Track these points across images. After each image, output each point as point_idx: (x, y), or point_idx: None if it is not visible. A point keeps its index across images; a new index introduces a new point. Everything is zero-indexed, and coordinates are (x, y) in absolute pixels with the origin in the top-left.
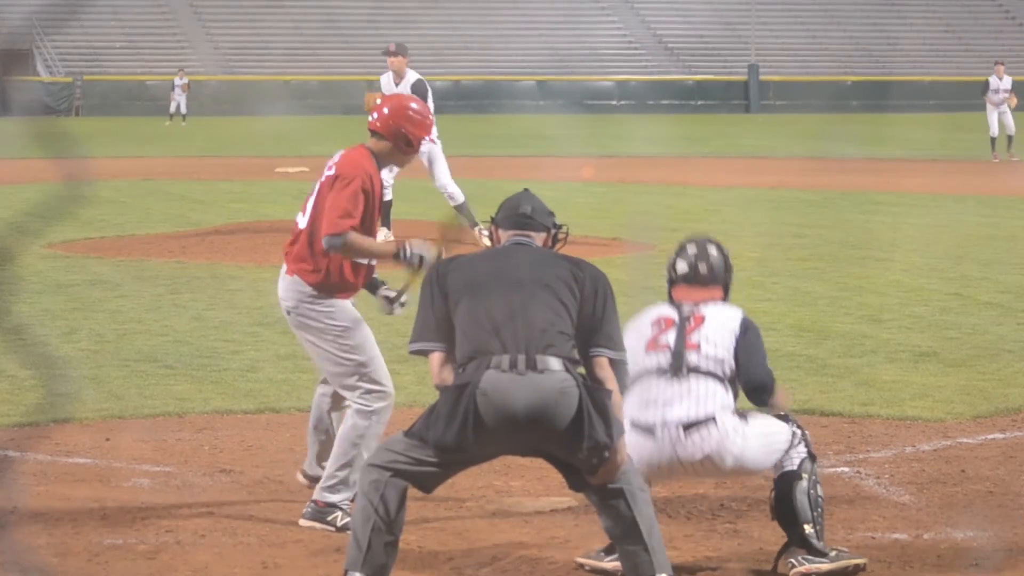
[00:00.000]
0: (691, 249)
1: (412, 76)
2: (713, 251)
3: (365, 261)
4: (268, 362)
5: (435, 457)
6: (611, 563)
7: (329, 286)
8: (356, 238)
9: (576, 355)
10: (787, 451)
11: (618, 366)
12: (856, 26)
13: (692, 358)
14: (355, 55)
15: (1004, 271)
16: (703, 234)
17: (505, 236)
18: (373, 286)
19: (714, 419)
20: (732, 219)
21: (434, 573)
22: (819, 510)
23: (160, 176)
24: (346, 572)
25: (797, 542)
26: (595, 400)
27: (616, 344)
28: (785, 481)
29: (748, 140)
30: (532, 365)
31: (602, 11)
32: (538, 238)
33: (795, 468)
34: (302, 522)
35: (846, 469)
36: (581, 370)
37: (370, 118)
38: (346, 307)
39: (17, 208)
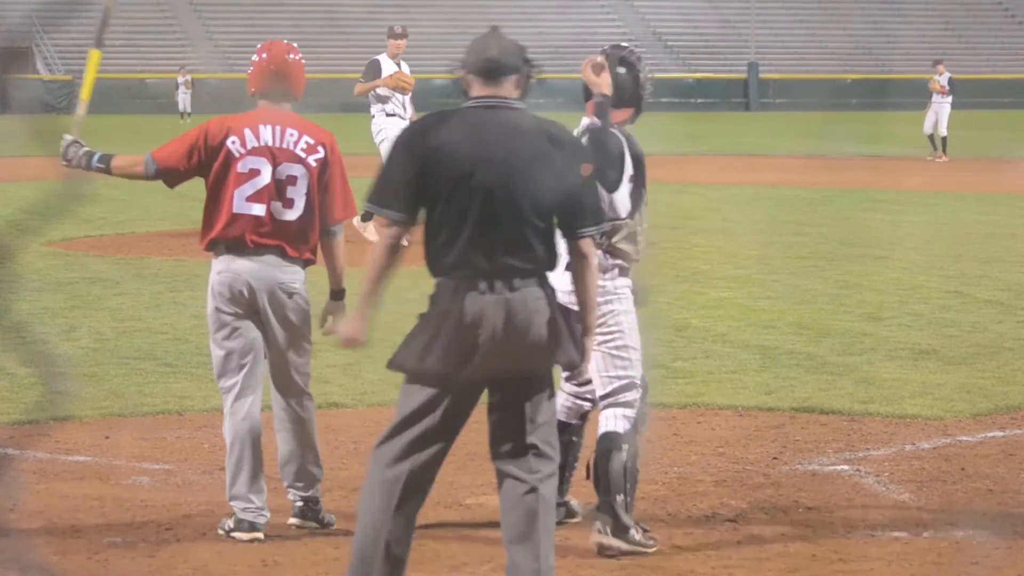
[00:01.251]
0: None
1: (403, 64)
2: (621, 71)
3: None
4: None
5: (426, 400)
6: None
7: (306, 265)
8: None
9: (552, 259)
10: (626, 383)
11: None
12: (855, 24)
13: None
14: (355, 52)
15: (1004, 269)
16: (617, 50)
17: (475, 85)
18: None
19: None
20: (732, 217)
21: (434, 573)
22: (633, 484)
23: None
24: None
25: (607, 510)
26: (567, 321)
27: (599, 217)
28: (608, 442)
29: (748, 138)
30: (510, 286)
31: (602, 8)
32: (509, 83)
33: (621, 432)
34: (292, 520)
35: (846, 467)
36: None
37: (290, 90)
38: None
39: (17, 206)
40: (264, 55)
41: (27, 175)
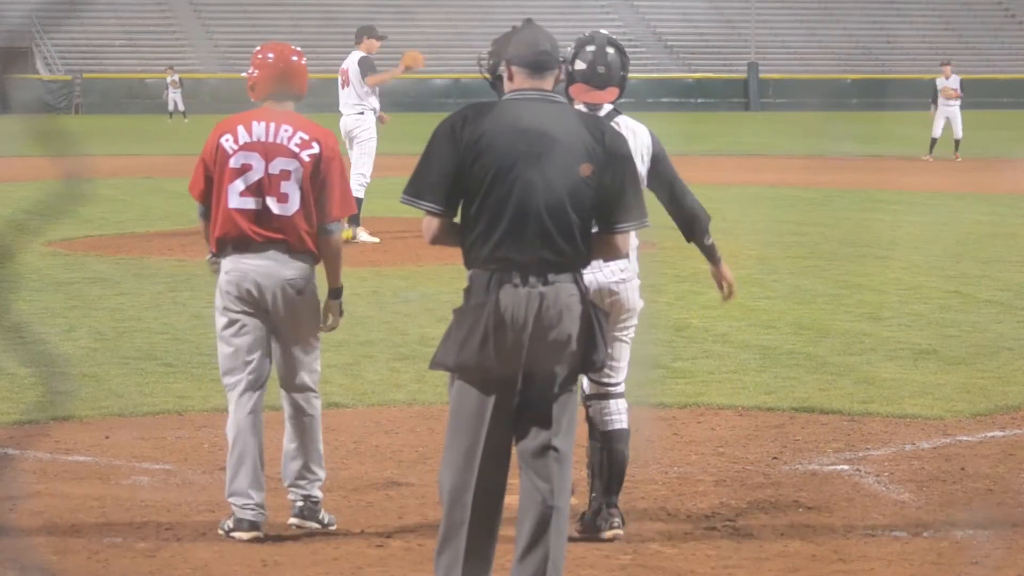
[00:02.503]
0: (590, 48)
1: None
2: (611, 51)
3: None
4: None
5: (473, 398)
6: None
7: (315, 260)
8: None
9: (588, 254)
10: (626, 374)
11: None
12: (855, 24)
13: None
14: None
15: (1004, 269)
16: (603, 33)
17: (519, 76)
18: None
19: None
20: (732, 217)
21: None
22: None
23: (160, 174)
24: None
25: (614, 503)
26: (598, 320)
27: (638, 213)
28: (621, 440)
29: (748, 138)
30: (543, 279)
31: (602, 8)
32: (551, 77)
33: (626, 427)
34: (292, 520)
35: (845, 467)
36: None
37: (294, 87)
38: None
39: (17, 206)
40: (271, 57)
41: (27, 175)
